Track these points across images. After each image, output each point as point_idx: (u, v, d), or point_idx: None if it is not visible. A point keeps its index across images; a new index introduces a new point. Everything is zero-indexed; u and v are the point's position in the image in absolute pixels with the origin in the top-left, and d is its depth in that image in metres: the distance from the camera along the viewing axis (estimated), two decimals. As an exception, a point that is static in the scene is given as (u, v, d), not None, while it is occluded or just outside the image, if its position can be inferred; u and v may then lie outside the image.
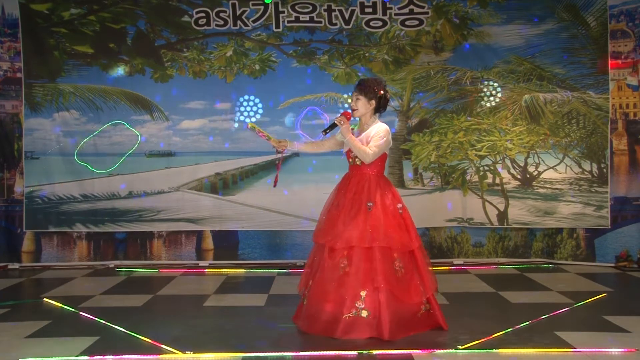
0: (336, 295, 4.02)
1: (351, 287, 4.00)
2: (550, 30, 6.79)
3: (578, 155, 6.85)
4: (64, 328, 4.44)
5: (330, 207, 4.27)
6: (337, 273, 4.04)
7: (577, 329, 4.27)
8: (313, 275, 4.21)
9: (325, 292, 4.05)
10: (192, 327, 4.43)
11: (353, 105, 4.29)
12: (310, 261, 4.34)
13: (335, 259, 4.06)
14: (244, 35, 6.94)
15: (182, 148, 7.03)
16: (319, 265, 4.16)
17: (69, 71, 6.87)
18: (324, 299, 4.06)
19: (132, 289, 5.83)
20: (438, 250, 7.05)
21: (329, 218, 4.22)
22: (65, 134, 6.94)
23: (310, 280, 4.23)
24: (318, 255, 4.23)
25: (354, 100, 4.28)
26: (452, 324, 4.38)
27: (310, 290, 4.19)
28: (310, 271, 4.27)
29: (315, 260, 4.25)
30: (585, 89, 6.75)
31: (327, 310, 4.05)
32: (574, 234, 6.84)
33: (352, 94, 4.32)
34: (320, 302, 4.09)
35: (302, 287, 4.32)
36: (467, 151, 6.95)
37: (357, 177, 4.25)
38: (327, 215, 4.25)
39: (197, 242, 7.06)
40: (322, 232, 4.22)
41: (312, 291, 4.17)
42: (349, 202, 4.18)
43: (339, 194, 4.28)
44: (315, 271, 4.20)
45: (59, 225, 6.91)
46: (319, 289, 4.11)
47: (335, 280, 4.03)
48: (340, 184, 4.35)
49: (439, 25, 6.91)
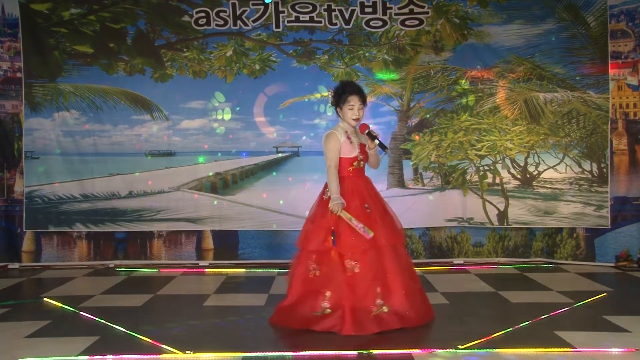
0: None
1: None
2: (551, 30, 6.79)
3: (578, 155, 6.84)
4: (64, 328, 4.44)
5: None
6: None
7: (577, 328, 4.27)
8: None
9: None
10: (192, 327, 4.43)
11: (360, 114, 4.38)
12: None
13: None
14: (244, 35, 6.94)
15: (182, 148, 7.03)
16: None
17: (69, 71, 6.87)
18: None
19: (132, 289, 5.83)
20: (438, 250, 7.05)
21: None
22: (65, 134, 6.94)
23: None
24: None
25: (359, 108, 4.36)
26: (452, 323, 4.41)
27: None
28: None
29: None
30: (585, 89, 6.74)
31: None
32: (574, 234, 6.83)
33: (355, 102, 4.34)
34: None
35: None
36: (467, 151, 6.95)
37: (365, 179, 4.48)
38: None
39: (197, 242, 7.06)
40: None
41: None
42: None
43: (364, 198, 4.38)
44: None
45: (59, 225, 6.92)
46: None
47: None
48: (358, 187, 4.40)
49: (439, 25, 6.90)
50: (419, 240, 7.05)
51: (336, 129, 4.42)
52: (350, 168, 4.39)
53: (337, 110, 4.44)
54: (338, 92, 4.41)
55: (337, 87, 4.45)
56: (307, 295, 4.26)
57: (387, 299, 4.15)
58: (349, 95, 4.35)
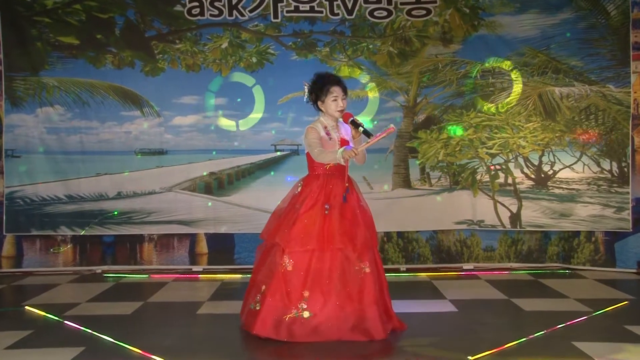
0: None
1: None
2: (567, 20, 6.77)
3: (597, 154, 6.83)
4: (47, 338, 4.42)
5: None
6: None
7: (595, 339, 4.26)
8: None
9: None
10: (184, 337, 4.42)
11: (344, 105, 4.42)
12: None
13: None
14: (240, 26, 6.93)
15: (174, 146, 7.03)
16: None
17: (53, 64, 6.86)
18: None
19: (120, 296, 5.83)
20: (446, 254, 7.05)
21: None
22: (49, 131, 6.93)
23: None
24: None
25: (342, 99, 4.41)
26: (461, 333, 4.40)
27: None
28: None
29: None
30: (604, 83, 6.71)
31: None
32: (593, 238, 6.82)
33: (337, 92, 4.39)
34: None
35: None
36: (478, 149, 6.94)
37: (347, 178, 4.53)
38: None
39: (191, 246, 7.05)
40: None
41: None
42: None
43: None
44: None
45: (42, 228, 6.90)
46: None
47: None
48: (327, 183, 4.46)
49: (448, 15, 6.89)
50: (426, 244, 7.04)
51: (315, 124, 4.47)
52: (327, 165, 4.42)
53: (318, 104, 4.48)
54: (317, 85, 4.44)
55: (315, 79, 4.48)
56: (251, 287, 4.48)
57: (313, 305, 4.17)
58: (330, 86, 4.39)
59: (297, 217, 4.30)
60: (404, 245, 7.00)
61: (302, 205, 4.34)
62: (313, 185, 4.42)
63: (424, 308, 5.13)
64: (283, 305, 4.17)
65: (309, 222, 4.27)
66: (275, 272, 4.23)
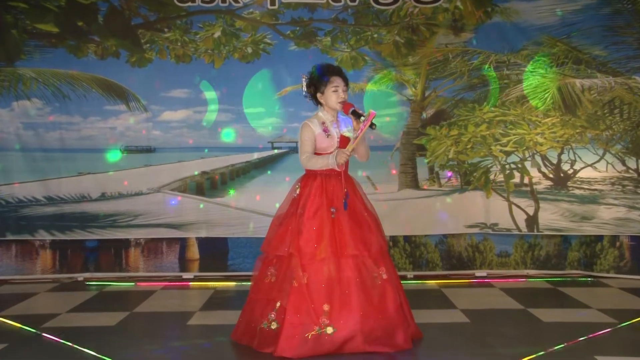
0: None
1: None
2: (590, 6, 6.77)
3: (621, 151, 6.83)
4: (23, 352, 4.41)
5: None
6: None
7: (620, 353, 4.27)
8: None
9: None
10: (174, 350, 4.41)
11: (345, 97, 4.42)
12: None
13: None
14: (234, 13, 6.92)
15: (163, 143, 7.03)
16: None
17: (30, 53, 6.82)
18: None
19: (104, 306, 5.81)
20: (457, 260, 7.05)
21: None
22: (26, 127, 6.90)
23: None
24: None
25: (343, 90, 4.41)
26: (473, 345, 4.39)
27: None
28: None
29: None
30: (630, 74, 6.71)
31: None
32: (617, 243, 6.81)
33: (338, 83, 4.40)
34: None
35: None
36: (491, 147, 6.94)
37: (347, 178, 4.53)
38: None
39: (181, 251, 7.05)
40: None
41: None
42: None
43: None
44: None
45: (18, 232, 6.88)
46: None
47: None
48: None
49: (459, 1, 6.90)
50: (435, 249, 7.04)
51: (311, 120, 4.46)
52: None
53: (317, 97, 4.47)
54: (317, 76, 4.43)
55: (314, 71, 4.48)
56: (256, 302, 4.38)
57: (336, 320, 4.14)
58: (331, 76, 4.40)
59: (302, 224, 4.26)
60: (411, 250, 6.99)
61: (305, 210, 4.30)
62: (312, 185, 4.39)
63: (433, 319, 5.11)
64: (307, 321, 4.12)
65: (318, 229, 4.24)
66: (293, 287, 4.16)
